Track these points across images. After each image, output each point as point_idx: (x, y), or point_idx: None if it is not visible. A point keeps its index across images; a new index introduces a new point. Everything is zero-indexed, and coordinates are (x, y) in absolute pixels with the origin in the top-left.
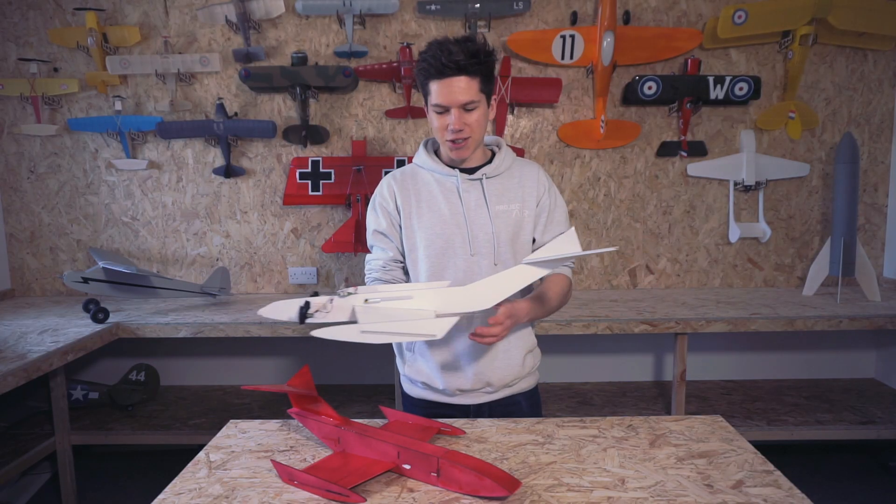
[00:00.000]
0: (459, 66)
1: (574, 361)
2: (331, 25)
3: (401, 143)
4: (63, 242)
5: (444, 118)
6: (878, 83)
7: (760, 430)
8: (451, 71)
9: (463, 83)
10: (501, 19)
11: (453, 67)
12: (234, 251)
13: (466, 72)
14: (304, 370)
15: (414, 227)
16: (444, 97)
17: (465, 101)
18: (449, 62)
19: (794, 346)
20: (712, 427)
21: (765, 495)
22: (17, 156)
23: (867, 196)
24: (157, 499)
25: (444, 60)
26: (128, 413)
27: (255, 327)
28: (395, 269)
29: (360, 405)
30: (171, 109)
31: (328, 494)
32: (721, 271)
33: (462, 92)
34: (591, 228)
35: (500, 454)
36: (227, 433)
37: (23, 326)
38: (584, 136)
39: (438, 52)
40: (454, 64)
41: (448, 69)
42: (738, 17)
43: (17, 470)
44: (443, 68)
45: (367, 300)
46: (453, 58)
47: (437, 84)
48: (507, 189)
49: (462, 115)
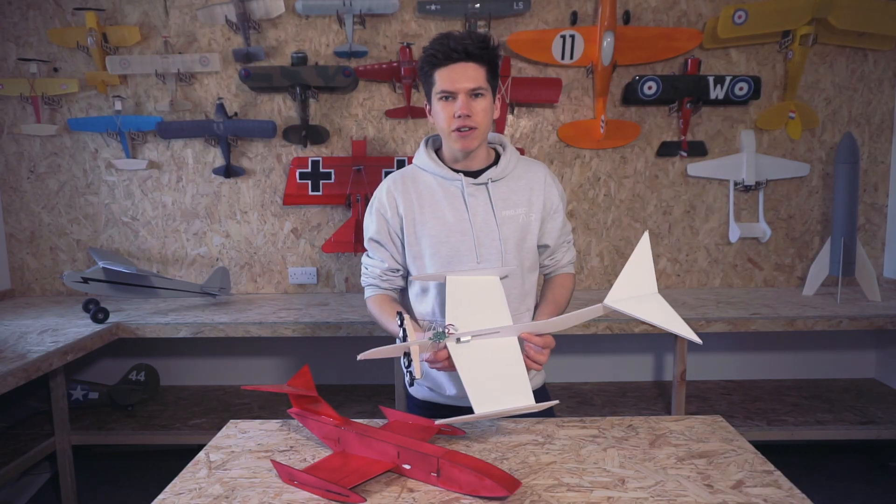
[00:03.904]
0: (468, 51)
1: (574, 361)
2: (331, 25)
3: (401, 143)
4: (63, 242)
5: (450, 106)
6: (878, 83)
7: (760, 430)
8: (458, 56)
9: (470, 69)
10: (501, 19)
11: (461, 52)
12: (234, 251)
13: (474, 58)
14: (304, 370)
15: (418, 234)
16: (451, 82)
17: (473, 86)
18: (457, 46)
19: (794, 346)
20: (712, 427)
21: (765, 495)
22: (17, 156)
23: (867, 196)
24: (157, 499)
25: (451, 45)
26: (128, 413)
27: (254, 327)
28: (394, 278)
29: (360, 405)
30: (171, 109)
31: (328, 494)
32: (721, 271)
33: (470, 78)
34: (591, 228)
35: (500, 454)
36: (227, 433)
37: (23, 326)
38: (584, 136)
39: (445, 40)
40: (462, 49)
41: (455, 54)
42: (738, 17)
43: (17, 470)
44: (450, 53)
45: (459, 340)
46: (461, 42)
47: (443, 71)
48: (513, 192)
49: (469, 101)
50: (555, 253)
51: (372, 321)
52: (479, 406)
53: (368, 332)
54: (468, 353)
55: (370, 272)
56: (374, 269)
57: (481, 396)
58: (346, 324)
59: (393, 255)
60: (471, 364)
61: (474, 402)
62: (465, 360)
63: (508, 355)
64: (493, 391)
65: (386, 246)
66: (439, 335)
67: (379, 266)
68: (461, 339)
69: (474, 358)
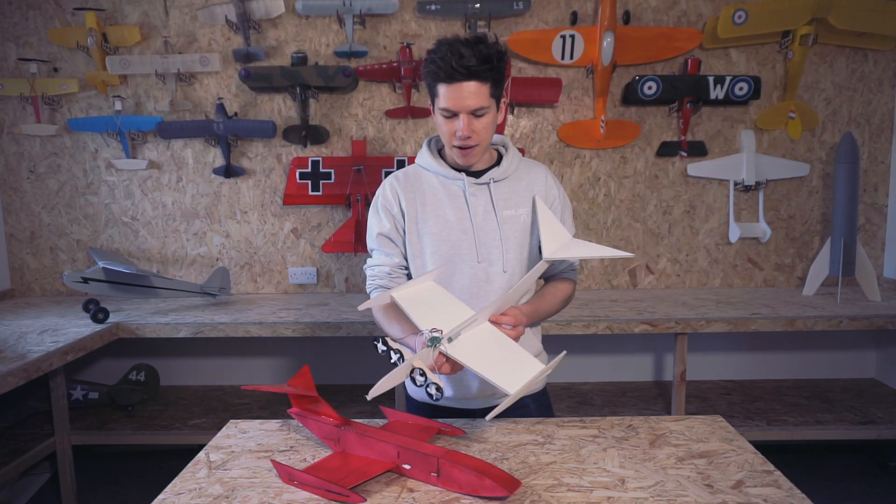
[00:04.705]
0: (471, 71)
1: (574, 361)
2: (331, 25)
3: (401, 143)
4: (63, 242)
5: (452, 123)
6: (878, 83)
7: (760, 430)
8: (461, 76)
9: (473, 88)
10: (501, 19)
11: (464, 73)
12: (234, 251)
13: (477, 77)
14: (304, 370)
15: (419, 232)
16: (453, 102)
17: (475, 107)
18: (459, 66)
19: (794, 346)
20: (712, 427)
21: (765, 495)
22: (17, 156)
23: (867, 196)
24: (157, 499)
25: (454, 65)
26: (128, 413)
27: (254, 327)
28: (401, 276)
29: (360, 405)
30: (171, 109)
31: (328, 494)
32: (721, 271)
33: (472, 98)
34: (591, 228)
35: (500, 454)
36: (227, 433)
37: (23, 326)
38: (584, 136)
39: (449, 55)
40: (465, 69)
41: (458, 74)
42: (738, 17)
43: (17, 470)
44: (452, 72)
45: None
46: (464, 63)
47: (445, 88)
48: (514, 193)
49: (471, 121)
50: None
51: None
52: (510, 387)
53: (368, 332)
54: (465, 347)
55: (377, 273)
56: (381, 269)
57: (506, 378)
58: (346, 324)
59: (401, 249)
60: (474, 356)
61: (504, 385)
62: (467, 354)
63: (495, 337)
64: (510, 369)
65: (395, 241)
66: (434, 340)
67: (388, 263)
68: (452, 338)
69: (473, 349)
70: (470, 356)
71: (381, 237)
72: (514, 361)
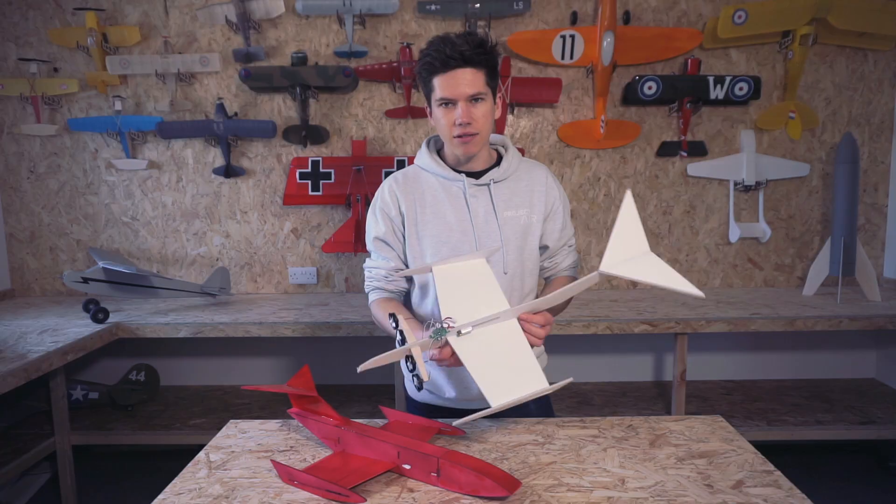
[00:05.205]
0: (465, 57)
1: (574, 361)
2: (331, 25)
3: (401, 143)
4: (63, 242)
5: (451, 113)
6: (878, 83)
7: (760, 430)
8: (455, 63)
9: (469, 75)
10: (501, 19)
11: (458, 58)
12: (234, 251)
13: (472, 63)
14: (304, 370)
15: (419, 234)
16: (450, 90)
17: (472, 92)
18: (453, 53)
19: (794, 346)
20: (712, 427)
21: (765, 495)
22: (17, 156)
23: (867, 196)
24: (157, 499)
25: (448, 52)
26: (128, 413)
27: (254, 327)
28: (399, 279)
29: (360, 405)
30: (171, 109)
31: (328, 494)
32: (721, 271)
33: (468, 84)
34: (592, 228)
35: (500, 454)
36: (227, 433)
37: (23, 326)
38: (584, 136)
39: (442, 45)
40: (459, 55)
41: (453, 61)
42: (738, 17)
43: (17, 470)
44: (447, 60)
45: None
46: (458, 48)
47: (441, 78)
48: (514, 194)
49: (469, 107)
50: (555, 255)
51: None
52: (495, 399)
53: (368, 332)
54: (472, 344)
55: (374, 275)
56: (378, 272)
57: (494, 388)
58: (346, 324)
59: (399, 254)
60: (477, 356)
61: (489, 396)
62: (470, 353)
63: (512, 339)
64: (505, 380)
65: (392, 245)
66: (439, 332)
67: (384, 266)
68: (462, 332)
69: (479, 349)
70: (472, 354)
71: (377, 241)
72: (517, 372)
